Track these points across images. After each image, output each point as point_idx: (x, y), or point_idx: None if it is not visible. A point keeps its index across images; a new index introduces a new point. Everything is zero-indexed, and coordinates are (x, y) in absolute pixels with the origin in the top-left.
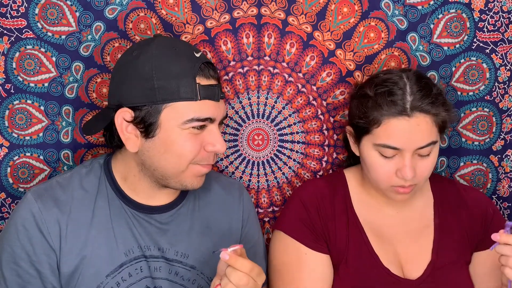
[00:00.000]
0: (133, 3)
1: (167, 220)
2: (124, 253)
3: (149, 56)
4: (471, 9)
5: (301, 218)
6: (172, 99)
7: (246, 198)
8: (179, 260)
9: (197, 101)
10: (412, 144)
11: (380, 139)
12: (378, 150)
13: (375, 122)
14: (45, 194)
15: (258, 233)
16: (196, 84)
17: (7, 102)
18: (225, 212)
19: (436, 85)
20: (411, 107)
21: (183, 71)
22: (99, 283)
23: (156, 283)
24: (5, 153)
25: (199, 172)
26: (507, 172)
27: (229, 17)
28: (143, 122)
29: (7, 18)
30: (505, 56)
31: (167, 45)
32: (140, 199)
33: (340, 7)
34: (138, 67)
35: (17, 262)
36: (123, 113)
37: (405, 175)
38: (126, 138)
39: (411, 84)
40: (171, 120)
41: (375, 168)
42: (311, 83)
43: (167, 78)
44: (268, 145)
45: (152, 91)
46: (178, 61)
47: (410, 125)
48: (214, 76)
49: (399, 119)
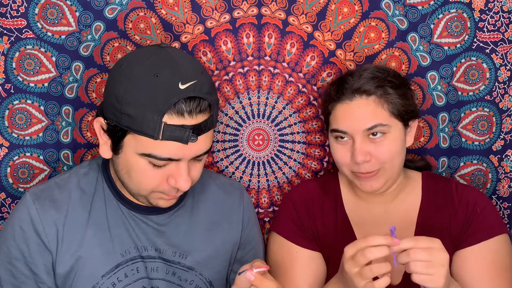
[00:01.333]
0: (133, 3)
1: (165, 221)
2: (121, 254)
3: (128, 77)
4: (471, 9)
5: (291, 218)
6: (133, 129)
7: (246, 200)
8: (177, 261)
9: (157, 141)
10: (356, 126)
11: (332, 125)
12: (333, 136)
13: (329, 112)
14: (43, 195)
15: (258, 235)
16: (161, 123)
17: (7, 102)
18: (224, 213)
19: (394, 71)
20: (353, 90)
21: (152, 105)
22: (95, 283)
23: (153, 283)
24: (5, 153)
25: (165, 198)
26: (507, 172)
27: (229, 17)
28: (111, 136)
29: (7, 18)
30: (505, 56)
31: (154, 67)
32: (137, 200)
33: (341, 7)
34: (115, 84)
35: (12, 262)
36: (99, 121)
37: (355, 159)
38: (103, 143)
39: (364, 72)
40: (131, 147)
41: (333, 154)
42: (312, 83)
43: (134, 106)
44: (269, 145)
45: (119, 114)
46: (153, 91)
47: (351, 108)
48: (195, 112)
49: (343, 103)
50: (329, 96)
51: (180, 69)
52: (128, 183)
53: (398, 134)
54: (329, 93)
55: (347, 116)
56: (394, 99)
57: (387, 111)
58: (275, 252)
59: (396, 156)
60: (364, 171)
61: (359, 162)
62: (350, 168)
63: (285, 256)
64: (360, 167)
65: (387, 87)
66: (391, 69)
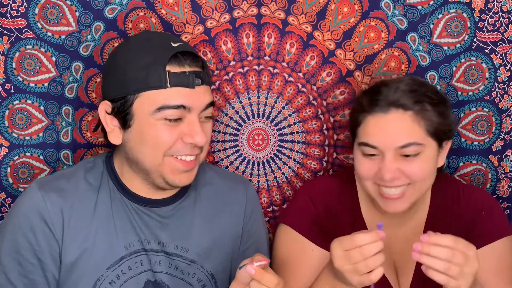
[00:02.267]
0: (133, 3)
1: (168, 214)
2: (124, 247)
3: (126, 50)
4: (471, 9)
5: (310, 215)
6: (141, 89)
7: (250, 194)
8: (179, 254)
9: (167, 89)
10: (389, 142)
11: (361, 138)
12: (360, 149)
13: (358, 122)
14: (49, 184)
15: (262, 229)
16: (166, 72)
17: (7, 102)
18: (226, 206)
19: (433, 87)
20: (388, 102)
21: (153, 61)
22: (100, 275)
23: (156, 276)
24: (5, 153)
25: (178, 168)
26: (507, 172)
27: (229, 17)
28: (120, 113)
29: (7, 18)
30: (505, 56)
31: (144, 38)
32: (141, 193)
33: (340, 7)
34: (115, 61)
35: (19, 251)
36: (104, 105)
37: (383, 175)
38: (110, 130)
39: (401, 84)
40: (143, 109)
41: (358, 167)
42: (311, 83)
43: (137, 69)
44: (268, 145)
45: (125, 83)
46: (150, 51)
47: (386, 122)
48: (192, 64)
49: (375, 116)
50: (361, 105)
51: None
52: (142, 157)
53: (431, 155)
54: (360, 102)
55: (380, 130)
56: (432, 117)
57: (423, 129)
58: (284, 245)
59: (427, 177)
60: (391, 185)
61: (387, 180)
62: (374, 181)
63: (296, 251)
64: (387, 182)
65: (426, 103)
66: (429, 84)
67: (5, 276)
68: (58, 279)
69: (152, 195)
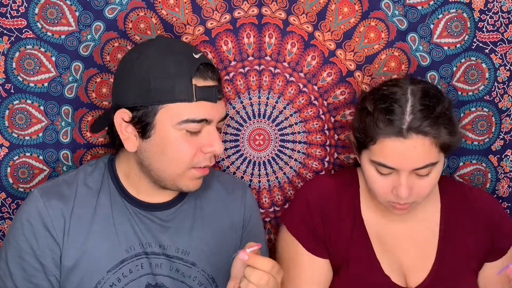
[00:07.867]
0: (133, 3)
1: (169, 217)
2: (125, 250)
3: (147, 57)
4: (471, 9)
5: (303, 219)
6: (166, 100)
7: (248, 197)
8: (180, 257)
9: (193, 103)
10: (407, 165)
11: (376, 157)
12: (374, 167)
13: (372, 139)
14: (51, 190)
15: (260, 232)
16: (192, 85)
17: (7, 102)
18: (226, 210)
19: (442, 103)
20: (408, 128)
21: (179, 72)
22: (100, 278)
23: (157, 279)
24: (5, 153)
25: (196, 176)
26: (507, 172)
27: (230, 17)
28: (140, 123)
29: (7, 18)
30: (505, 56)
31: (165, 46)
32: (141, 197)
33: (341, 7)
34: (135, 68)
35: (22, 256)
36: (121, 113)
37: (400, 194)
38: (125, 138)
39: (414, 102)
40: (166, 121)
41: (372, 183)
42: (313, 83)
43: (162, 79)
44: (269, 145)
45: (148, 92)
46: (175, 61)
47: (405, 147)
48: (213, 77)
49: (394, 140)
50: (375, 123)
51: (184, 44)
52: (161, 166)
53: (440, 167)
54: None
55: (399, 154)
56: (445, 137)
57: (438, 149)
58: (281, 246)
59: (433, 188)
60: (403, 202)
61: (403, 198)
62: (388, 199)
63: (291, 255)
64: (399, 199)
65: (442, 127)
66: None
67: (13, 283)
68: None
69: (153, 199)
